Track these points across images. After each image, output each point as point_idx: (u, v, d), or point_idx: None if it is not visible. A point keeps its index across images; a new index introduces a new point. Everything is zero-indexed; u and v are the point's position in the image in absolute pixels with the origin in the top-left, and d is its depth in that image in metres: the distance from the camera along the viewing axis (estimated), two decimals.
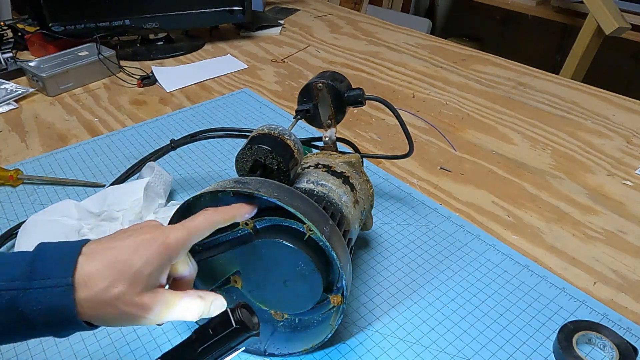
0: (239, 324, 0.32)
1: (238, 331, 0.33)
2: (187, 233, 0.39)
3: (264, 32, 1.39)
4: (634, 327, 0.53)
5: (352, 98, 0.61)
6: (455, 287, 0.58)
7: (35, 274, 0.33)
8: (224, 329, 0.33)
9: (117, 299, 0.34)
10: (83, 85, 1.08)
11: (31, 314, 0.33)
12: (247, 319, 0.33)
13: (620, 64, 2.15)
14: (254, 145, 0.50)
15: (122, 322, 0.36)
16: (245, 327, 0.33)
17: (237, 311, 0.33)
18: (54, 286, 0.33)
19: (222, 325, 0.33)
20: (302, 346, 0.49)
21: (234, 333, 0.33)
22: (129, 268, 0.35)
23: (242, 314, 0.33)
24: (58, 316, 0.33)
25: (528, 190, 0.75)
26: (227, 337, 0.33)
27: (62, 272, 0.34)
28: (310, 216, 0.44)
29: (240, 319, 0.32)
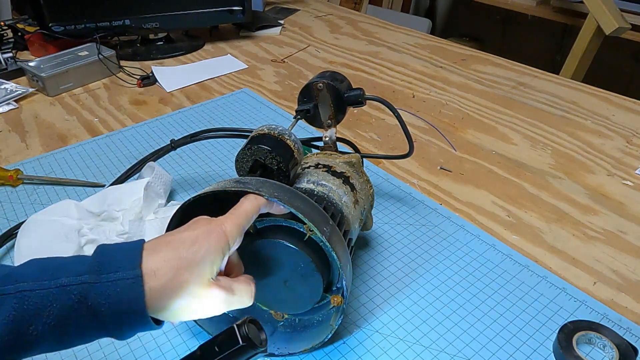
0: (245, 341, 0.31)
1: (244, 348, 0.32)
2: (240, 219, 0.40)
3: (264, 32, 1.39)
4: (634, 327, 0.53)
5: (352, 98, 0.61)
6: (455, 287, 0.58)
7: (103, 269, 0.34)
8: (230, 347, 0.32)
9: (185, 287, 0.35)
10: (83, 85, 1.08)
11: (101, 308, 0.33)
12: (255, 335, 0.32)
13: (620, 64, 2.15)
14: (254, 145, 0.50)
15: (189, 313, 0.37)
16: (252, 345, 0.32)
17: (244, 327, 0.32)
18: (124, 278, 0.33)
19: (228, 341, 0.32)
20: (302, 346, 0.49)
21: (241, 350, 0.32)
22: (193, 257, 0.36)
23: (249, 329, 0.32)
24: (127, 310, 0.33)
25: (528, 190, 0.75)
26: (233, 354, 0.32)
27: (130, 265, 0.34)
28: (310, 216, 0.44)
29: (246, 335, 0.32)
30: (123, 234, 0.60)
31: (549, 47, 2.41)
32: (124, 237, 0.60)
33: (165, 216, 0.63)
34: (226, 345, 0.32)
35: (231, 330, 0.32)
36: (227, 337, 0.32)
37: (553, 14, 1.98)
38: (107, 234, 0.60)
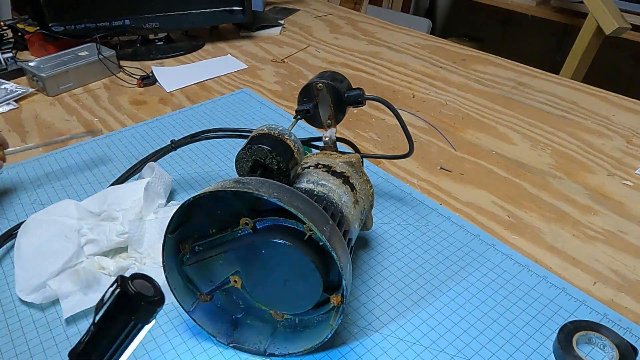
0: (132, 291, 0.29)
1: (130, 297, 0.30)
2: None
3: (264, 32, 1.39)
4: (634, 327, 0.53)
5: (352, 98, 0.61)
6: (455, 287, 0.58)
7: None
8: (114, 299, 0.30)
9: None
10: (83, 85, 1.08)
11: None
12: (142, 285, 0.30)
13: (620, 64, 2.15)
14: (254, 145, 0.50)
15: None
16: (138, 295, 0.30)
17: (128, 280, 0.30)
18: None
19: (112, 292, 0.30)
20: (302, 346, 0.49)
21: (125, 299, 0.30)
22: None
23: (133, 283, 0.30)
24: None
25: (528, 190, 0.75)
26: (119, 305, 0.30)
27: None
28: (310, 216, 0.44)
29: (131, 287, 0.29)
30: (123, 234, 0.60)
31: (549, 47, 2.41)
32: (124, 237, 0.60)
33: (165, 216, 0.63)
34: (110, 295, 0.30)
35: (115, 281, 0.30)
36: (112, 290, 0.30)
37: (553, 14, 1.98)
38: (107, 234, 0.60)
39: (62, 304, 0.54)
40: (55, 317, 0.55)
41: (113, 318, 0.30)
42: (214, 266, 0.49)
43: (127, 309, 0.30)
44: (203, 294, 0.51)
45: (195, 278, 0.51)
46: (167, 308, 0.56)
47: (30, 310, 0.56)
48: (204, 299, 0.52)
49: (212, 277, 0.50)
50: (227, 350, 0.51)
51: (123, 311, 0.30)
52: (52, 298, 0.56)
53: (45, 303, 0.56)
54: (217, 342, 0.52)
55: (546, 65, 1.23)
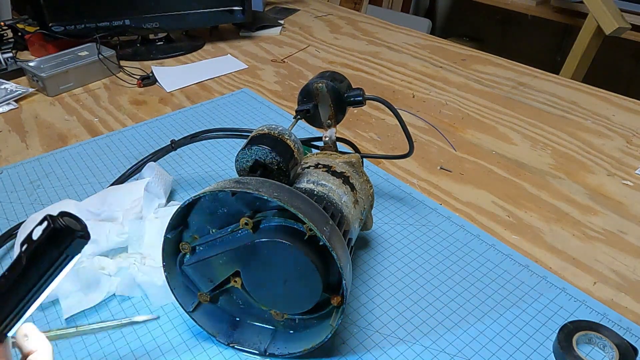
0: (59, 225, 0.30)
1: (59, 232, 0.31)
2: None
3: (264, 32, 1.39)
4: (634, 327, 0.53)
5: (352, 98, 0.61)
6: (455, 287, 0.58)
7: None
8: (44, 232, 0.31)
9: None
10: (83, 85, 1.08)
11: None
12: (71, 222, 0.31)
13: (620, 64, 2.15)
14: (254, 145, 0.50)
15: None
16: (67, 229, 0.31)
17: (57, 217, 0.31)
18: None
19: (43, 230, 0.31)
20: (302, 346, 0.49)
21: (55, 234, 0.31)
22: None
23: (63, 219, 0.31)
24: None
25: (528, 190, 0.75)
26: (49, 240, 0.31)
27: None
28: (310, 216, 0.44)
29: (60, 222, 0.31)
30: (123, 234, 0.60)
31: (549, 47, 2.41)
32: (124, 237, 0.60)
33: (165, 216, 0.63)
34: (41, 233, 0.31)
35: (43, 219, 0.31)
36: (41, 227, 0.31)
37: (553, 14, 1.98)
38: (107, 234, 0.60)
39: (62, 304, 0.54)
40: (55, 317, 0.55)
41: (45, 252, 0.31)
42: (214, 266, 0.49)
43: (59, 243, 0.31)
44: (203, 294, 0.51)
45: (195, 278, 0.51)
46: (167, 308, 0.56)
47: None
48: (204, 299, 0.52)
49: (212, 277, 0.50)
50: (227, 350, 0.51)
51: (56, 245, 0.31)
52: (52, 298, 0.56)
53: (45, 303, 0.56)
54: (217, 342, 0.52)
55: (546, 65, 1.23)
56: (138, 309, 0.56)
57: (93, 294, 0.56)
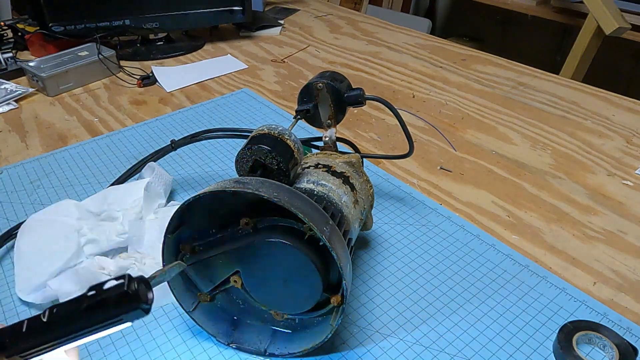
0: (132, 291, 0.30)
1: (129, 297, 0.30)
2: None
3: (264, 32, 1.39)
4: (634, 327, 0.53)
5: (352, 98, 0.61)
6: (455, 287, 0.58)
7: None
8: (116, 291, 0.31)
9: None
10: (83, 85, 1.08)
11: None
12: (143, 292, 0.31)
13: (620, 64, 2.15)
14: (254, 145, 0.50)
15: None
16: (137, 298, 0.30)
17: (134, 281, 0.31)
18: None
19: (116, 287, 0.31)
20: (302, 346, 0.49)
21: (125, 298, 0.31)
22: None
23: (138, 286, 0.31)
24: None
25: (528, 190, 0.75)
26: (117, 299, 0.31)
27: None
28: (310, 216, 0.44)
29: (135, 288, 0.30)
30: (123, 234, 0.60)
31: (549, 47, 2.41)
32: (124, 237, 0.60)
33: (165, 216, 0.63)
34: (112, 289, 0.31)
35: (122, 277, 0.31)
36: (116, 284, 0.31)
37: (553, 14, 1.98)
38: (107, 234, 0.60)
39: None
40: None
41: (105, 308, 0.31)
42: (214, 266, 0.49)
43: (122, 306, 0.31)
44: (203, 294, 0.51)
45: (195, 278, 0.51)
46: (167, 308, 0.56)
47: (30, 310, 0.56)
48: (204, 299, 0.52)
49: (212, 277, 0.50)
50: (227, 350, 0.52)
51: (118, 306, 0.31)
52: (52, 298, 0.56)
53: (45, 303, 0.56)
54: (217, 342, 0.52)
55: (546, 65, 1.23)
56: None
57: None
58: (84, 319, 0.31)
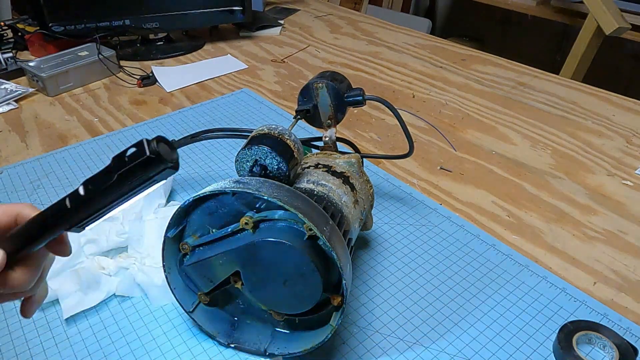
0: (153, 154, 0.31)
1: (152, 160, 0.31)
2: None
3: (264, 32, 1.39)
4: (634, 327, 0.53)
5: (352, 98, 0.61)
6: (455, 287, 0.58)
7: None
8: (138, 157, 0.31)
9: None
10: (83, 85, 1.08)
11: None
12: (165, 151, 0.32)
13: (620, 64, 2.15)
14: (254, 145, 0.50)
15: None
16: (160, 158, 0.31)
17: (153, 142, 0.31)
18: None
19: (137, 154, 0.31)
20: (302, 346, 0.49)
21: (149, 162, 0.31)
22: None
23: (158, 145, 0.31)
24: None
25: (528, 190, 0.75)
26: (142, 165, 0.31)
27: None
28: (310, 216, 0.44)
29: (155, 149, 0.31)
30: (123, 233, 0.60)
31: (549, 47, 2.41)
32: (123, 237, 0.60)
33: (165, 216, 0.63)
34: (135, 156, 0.31)
35: (140, 144, 0.31)
36: (136, 150, 0.31)
37: (553, 14, 1.98)
38: (107, 233, 0.60)
39: (62, 304, 0.54)
40: (55, 317, 0.55)
41: (133, 175, 0.31)
42: (214, 266, 0.49)
43: (149, 170, 0.31)
44: (203, 294, 0.51)
45: (195, 278, 0.51)
46: (167, 308, 0.56)
47: None
48: (204, 299, 0.52)
49: (212, 277, 0.50)
50: (227, 350, 0.52)
51: (145, 171, 0.31)
52: (52, 298, 0.56)
53: (45, 303, 0.56)
54: (217, 342, 0.52)
55: (546, 65, 1.23)
56: (138, 309, 0.56)
57: (93, 294, 0.56)
58: (117, 189, 0.32)
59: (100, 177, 0.32)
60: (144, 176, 0.31)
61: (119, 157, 0.31)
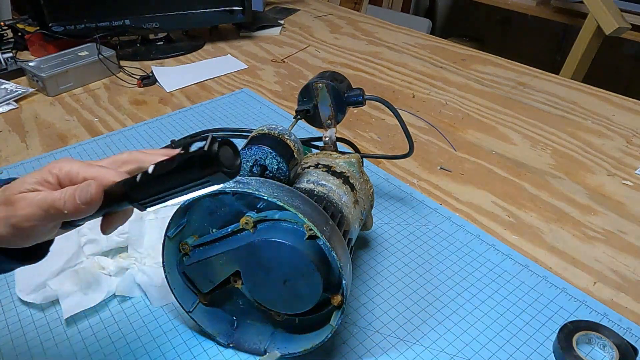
0: (210, 153, 0.31)
1: (208, 159, 0.31)
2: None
3: (264, 32, 1.39)
4: (634, 327, 0.53)
5: (352, 98, 0.61)
6: (455, 287, 0.58)
7: None
8: (197, 151, 0.31)
9: None
10: (83, 85, 1.08)
11: None
12: (226, 156, 0.31)
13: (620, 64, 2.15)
14: (254, 146, 0.50)
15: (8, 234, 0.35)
16: (216, 159, 0.31)
17: (215, 143, 0.31)
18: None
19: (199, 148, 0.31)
20: (302, 346, 0.49)
21: (204, 159, 0.31)
22: (12, 183, 0.36)
23: (220, 147, 0.31)
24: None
25: (528, 190, 0.75)
26: (197, 160, 0.31)
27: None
28: (310, 216, 0.44)
29: (215, 150, 0.31)
30: (123, 233, 0.60)
31: (549, 47, 2.41)
32: (124, 237, 0.60)
33: (165, 216, 0.63)
34: (196, 150, 0.31)
35: (204, 138, 0.32)
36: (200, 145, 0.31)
37: (553, 14, 1.98)
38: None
39: (62, 304, 0.54)
40: (55, 317, 0.55)
41: (191, 168, 0.32)
42: (214, 266, 0.49)
43: (205, 167, 0.31)
44: (203, 294, 0.51)
45: (195, 278, 0.51)
46: (167, 308, 0.56)
47: (30, 310, 0.56)
48: (203, 299, 0.52)
49: (212, 277, 0.50)
50: (227, 350, 0.52)
51: (201, 167, 0.31)
52: (52, 298, 0.56)
53: (45, 303, 0.56)
54: (217, 342, 0.52)
55: (546, 65, 1.23)
56: (138, 309, 0.56)
57: (93, 294, 0.56)
58: (177, 176, 0.32)
59: (167, 162, 0.33)
60: (198, 173, 0.31)
61: (186, 146, 0.32)
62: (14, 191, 0.35)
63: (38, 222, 0.35)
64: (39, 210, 0.34)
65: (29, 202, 0.35)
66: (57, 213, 0.35)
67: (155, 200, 0.35)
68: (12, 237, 0.35)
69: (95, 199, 0.35)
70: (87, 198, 0.34)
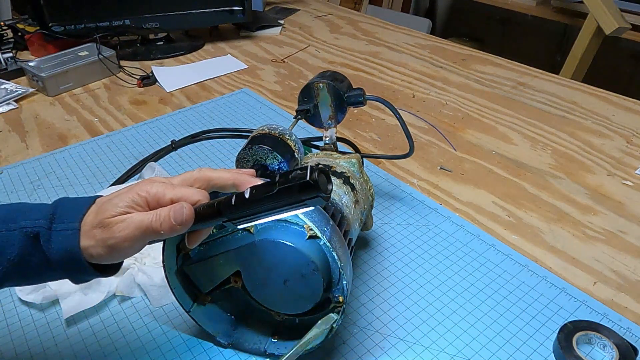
0: (312, 181, 0.34)
1: (310, 186, 0.35)
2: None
3: (264, 32, 1.39)
4: (634, 327, 0.53)
5: (353, 98, 0.61)
6: (455, 287, 0.58)
7: (55, 218, 0.39)
8: (300, 179, 0.35)
9: (91, 228, 0.38)
10: (83, 85, 1.08)
11: (50, 253, 0.38)
12: (323, 182, 0.35)
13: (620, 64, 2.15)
14: (254, 145, 0.50)
15: (105, 253, 0.38)
16: (317, 186, 0.34)
17: (315, 171, 0.35)
18: (65, 230, 0.38)
19: (300, 176, 0.35)
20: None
21: (307, 186, 0.35)
22: (102, 205, 0.39)
23: (319, 175, 0.35)
24: (69, 257, 0.38)
25: (528, 190, 0.75)
26: (301, 187, 0.35)
27: (74, 218, 0.39)
28: (310, 216, 0.44)
29: (316, 178, 0.34)
30: None
31: (549, 47, 2.41)
32: None
33: None
34: (298, 179, 0.35)
35: (305, 168, 0.35)
36: (300, 174, 0.35)
37: (553, 14, 1.98)
38: None
39: (62, 304, 0.54)
40: (55, 317, 0.55)
41: (291, 193, 0.35)
42: (214, 266, 0.49)
43: (305, 193, 0.35)
44: (203, 294, 0.51)
45: (195, 278, 0.51)
46: (167, 308, 0.56)
47: (30, 310, 0.56)
48: (203, 299, 0.52)
49: (212, 277, 0.50)
50: (227, 350, 0.52)
51: (301, 193, 0.35)
52: (52, 298, 0.56)
53: (45, 303, 0.56)
54: (217, 342, 0.52)
55: (546, 65, 1.23)
56: (138, 309, 0.56)
57: (93, 294, 0.56)
58: (275, 200, 0.36)
59: (265, 186, 0.37)
60: (298, 197, 0.35)
61: (285, 174, 0.36)
62: (107, 215, 0.38)
63: (135, 243, 0.38)
64: (136, 232, 0.38)
65: (127, 224, 0.38)
66: (154, 233, 0.38)
67: (248, 219, 0.38)
68: (107, 256, 0.39)
69: (189, 219, 0.38)
70: (182, 219, 0.38)
